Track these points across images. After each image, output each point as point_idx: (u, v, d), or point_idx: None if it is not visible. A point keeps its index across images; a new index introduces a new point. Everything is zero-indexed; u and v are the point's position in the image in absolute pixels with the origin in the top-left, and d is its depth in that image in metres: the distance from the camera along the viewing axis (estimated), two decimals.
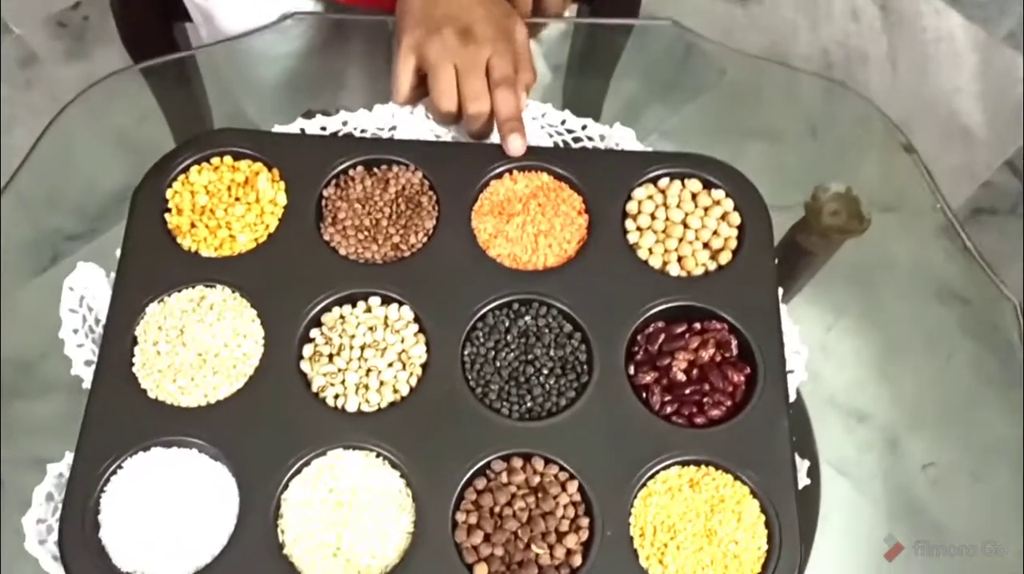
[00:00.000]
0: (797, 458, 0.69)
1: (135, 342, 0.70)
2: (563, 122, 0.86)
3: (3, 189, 0.87)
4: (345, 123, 0.84)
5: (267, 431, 0.67)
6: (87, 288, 0.74)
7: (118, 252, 0.75)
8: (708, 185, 0.78)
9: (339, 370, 0.70)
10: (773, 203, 0.78)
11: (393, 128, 0.84)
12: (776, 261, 0.76)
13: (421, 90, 0.81)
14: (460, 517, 0.65)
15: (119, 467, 0.66)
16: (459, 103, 0.78)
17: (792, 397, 0.72)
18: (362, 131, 0.84)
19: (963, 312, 0.89)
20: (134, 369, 0.69)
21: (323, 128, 0.83)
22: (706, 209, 0.77)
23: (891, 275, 0.90)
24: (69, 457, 0.68)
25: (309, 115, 0.85)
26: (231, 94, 1.05)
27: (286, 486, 0.66)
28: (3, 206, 0.85)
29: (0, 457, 0.75)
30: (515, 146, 0.77)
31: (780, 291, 0.75)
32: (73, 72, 1.66)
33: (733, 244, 0.76)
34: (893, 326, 0.88)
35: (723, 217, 0.77)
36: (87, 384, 0.70)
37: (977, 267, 0.83)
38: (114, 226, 0.88)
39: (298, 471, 0.66)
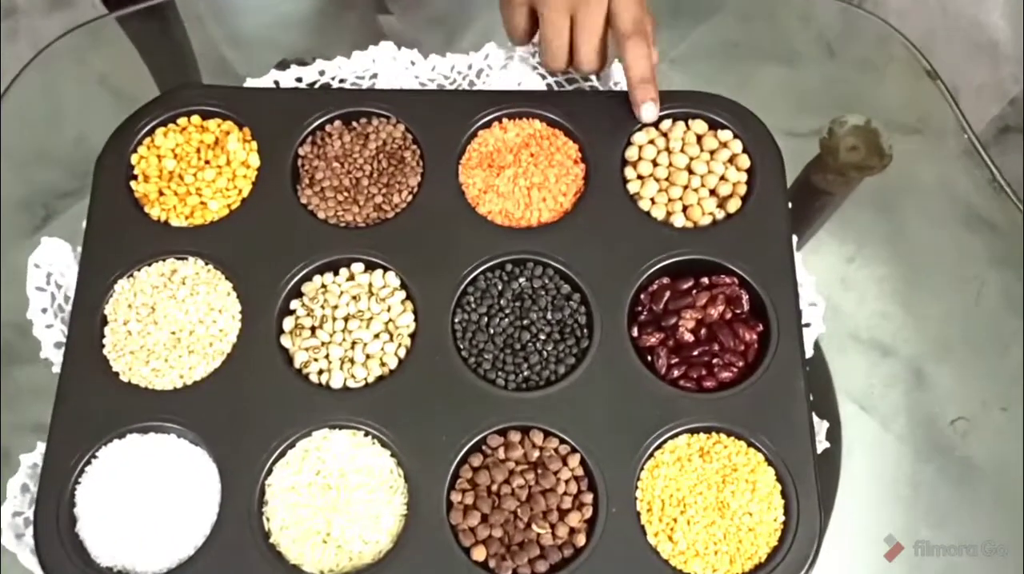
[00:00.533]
0: (815, 419, 0.65)
1: (105, 321, 0.66)
2: None
3: None
4: (322, 73, 0.78)
5: (248, 412, 0.63)
6: (53, 265, 0.70)
7: (83, 225, 0.70)
8: (714, 125, 0.73)
9: (322, 344, 0.65)
10: (788, 130, 0.74)
11: (374, 76, 0.78)
12: (789, 206, 0.70)
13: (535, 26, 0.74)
14: (455, 497, 0.61)
15: (93, 457, 0.63)
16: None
17: (809, 353, 0.67)
18: (340, 81, 0.78)
19: (990, 238, 0.84)
20: (105, 351, 0.65)
21: (298, 79, 0.78)
22: (712, 152, 0.71)
23: (914, 201, 0.85)
24: (42, 447, 0.64)
25: (283, 66, 0.79)
26: (215, 42, 1.00)
27: (270, 470, 0.62)
28: None
29: (1, 422, 0.72)
30: (648, 114, 0.71)
31: (794, 239, 0.70)
32: (57, 21, 1.60)
33: (742, 190, 0.71)
34: (917, 255, 0.84)
35: (731, 160, 0.71)
36: (57, 368, 0.66)
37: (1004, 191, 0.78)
38: None
39: (282, 454, 0.63)
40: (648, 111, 0.70)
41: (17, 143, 0.85)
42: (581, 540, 0.60)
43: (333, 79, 0.78)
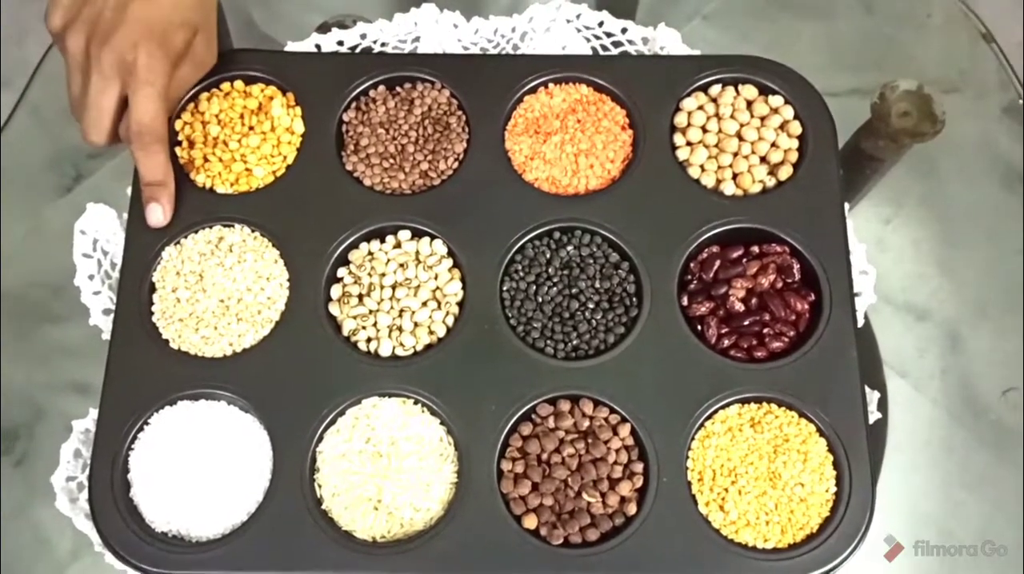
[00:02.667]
0: (867, 390, 0.64)
1: (153, 289, 0.66)
2: (601, 24, 0.78)
3: (19, 102, 0.85)
4: (363, 36, 0.77)
5: (298, 380, 0.63)
6: (99, 231, 0.70)
7: (129, 191, 0.70)
8: (764, 91, 0.71)
9: (370, 312, 0.65)
10: (824, 89, 0.72)
11: (416, 40, 0.77)
12: (841, 172, 0.69)
13: None
14: (506, 466, 0.61)
15: (146, 423, 0.63)
16: None
17: (859, 322, 0.67)
18: (382, 45, 0.77)
19: None
20: (154, 318, 0.66)
21: (339, 43, 0.77)
22: (763, 119, 0.70)
23: (953, 161, 0.85)
24: (94, 413, 0.64)
25: (324, 29, 0.78)
26: (245, 4, 0.99)
27: (321, 438, 0.62)
28: (20, 120, 0.84)
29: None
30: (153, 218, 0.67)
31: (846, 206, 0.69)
32: None
33: (794, 157, 0.70)
34: (955, 216, 0.84)
35: (782, 127, 0.70)
36: (106, 335, 0.67)
37: None
38: None
39: (332, 422, 0.63)
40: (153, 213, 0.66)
41: (44, 102, 0.86)
42: (632, 509, 0.61)
43: (375, 43, 0.77)
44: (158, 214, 0.66)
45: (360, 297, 0.66)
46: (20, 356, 0.77)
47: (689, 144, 0.70)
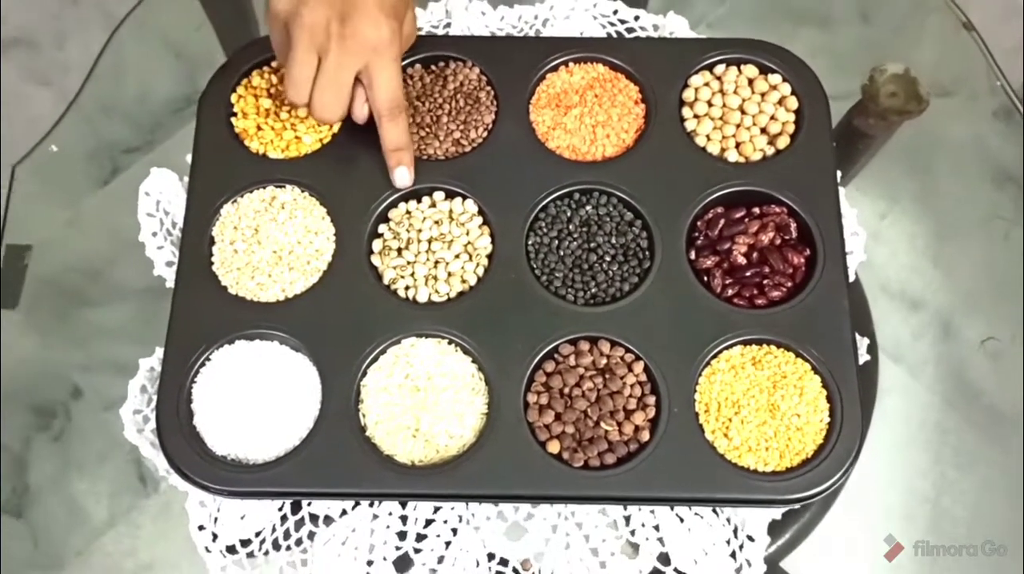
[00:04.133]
0: (857, 336, 0.71)
1: (212, 242, 0.73)
2: (615, 12, 0.86)
3: (71, 104, 0.90)
4: None
5: (343, 322, 0.70)
6: (162, 193, 0.77)
7: (187, 157, 0.77)
8: (764, 70, 0.78)
9: (408, 263, 0.72)
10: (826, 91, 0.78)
11: (447, 25, 0.84)
12: (834, 144, 0.76)
13: None
14: (531, 398, 0.68)
15: (207, 359, 0.69)
16: None
17: (851, 278, 0.73)
18: (417, 29, 0.84)
19: (1018, 195, 0.88)
20: (213, 268, 0.72)
21: None
22: (763, 94, 0.77)
23: (945, 161, 0.89)
24: (159, 352, 0.71)
25: None
26: None
27: (364, 373, 0.69)
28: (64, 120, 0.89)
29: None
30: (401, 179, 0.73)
31: (838, 174, 0.75)
32: None
33: (791, 129, 0.76)
34: (948, 211, 0.88)
35: (780, 102, 0.77)
36: (170, 283, 0.73)
37: None
38: (169, 137, 0.90)
39: (375, 359, 0.69)
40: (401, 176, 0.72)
41: (86, 98, 0.91)
42: (645, 436, 0.67)
43: None
44: (405, 176, 0.72)
45: (399, 250, 0.73)
46: (58, 338, 0.83)
47: (696, 116, 0.77)
